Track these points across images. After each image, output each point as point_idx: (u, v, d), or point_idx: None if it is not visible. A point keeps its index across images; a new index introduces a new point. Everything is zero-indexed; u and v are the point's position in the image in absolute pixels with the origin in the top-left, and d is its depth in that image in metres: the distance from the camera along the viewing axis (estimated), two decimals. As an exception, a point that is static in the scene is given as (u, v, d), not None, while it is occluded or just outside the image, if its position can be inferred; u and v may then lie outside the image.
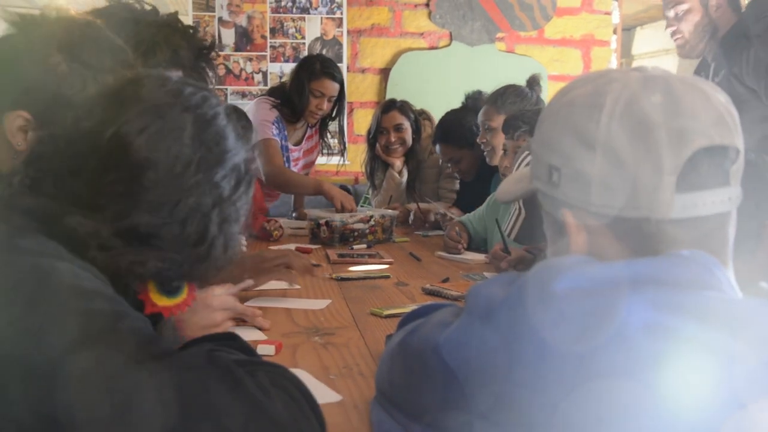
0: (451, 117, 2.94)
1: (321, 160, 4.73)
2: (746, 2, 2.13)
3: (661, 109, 0.69)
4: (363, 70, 4.71)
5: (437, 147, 2.96)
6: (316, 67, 2.97)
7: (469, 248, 2.31)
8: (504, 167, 2.05)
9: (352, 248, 2.37)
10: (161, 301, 0.79)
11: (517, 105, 2.35)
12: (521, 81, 2.49)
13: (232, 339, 0.80)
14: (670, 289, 0.63)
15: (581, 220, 0.73)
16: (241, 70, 4.60)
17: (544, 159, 0.76)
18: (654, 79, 0.72)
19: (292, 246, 2.32)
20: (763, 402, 0.56)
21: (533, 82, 2.55)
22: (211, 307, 1.17)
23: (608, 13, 4.70)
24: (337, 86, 3.01)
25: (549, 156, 0.75)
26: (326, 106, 3.01)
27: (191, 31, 1.38)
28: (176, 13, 1.40)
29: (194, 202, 0.72)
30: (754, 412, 0.56)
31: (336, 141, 3.23)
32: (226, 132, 0.75)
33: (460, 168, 2.93)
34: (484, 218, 2.35)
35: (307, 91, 2.95)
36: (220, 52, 4.35)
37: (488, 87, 2.73)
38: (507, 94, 2.43)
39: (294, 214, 3.36)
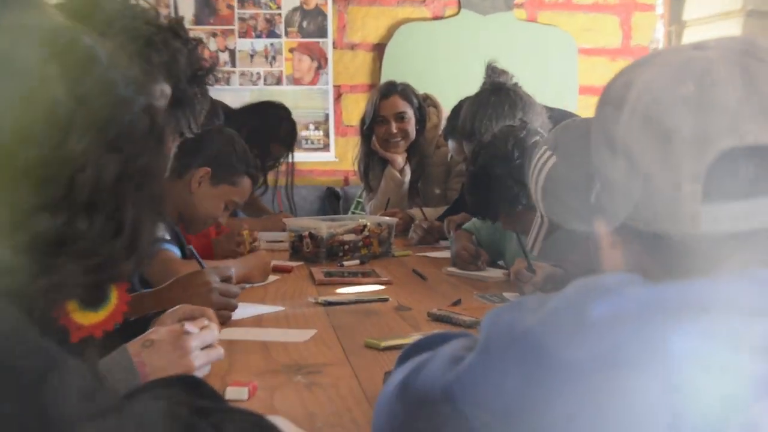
0: (466, 105, 2.93)
1: (302, 157, 4.74)
2: None
3: (687, 102, 0.70)
4: (353, 47, 4.72)
5: (449, 142, 2.95)
6: (280, 132, 3.29)
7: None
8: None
9: (342, 265, 2.37)
10: (88, 319, 0.77)
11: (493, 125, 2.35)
12: (545, 55, 2.49)
13: (193, 382, 0.79)
14: (724, 316, 0.64)
15: (613, 232, 0.75)
16: (204, 48, 4.61)
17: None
18: (692, 63, 0.72)
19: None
20: None
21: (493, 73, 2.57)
22: (185, 349, 1.16)
23: (652, -29, 4.72)
24: (285, 152, 3.33)
25: (594, 156, 0.78)
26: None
27: (195, 43, 1.41)
28: (182, 18, 1.44)
29: (91, 178, 0.68)
30: None
31: (317, 132, 3.36)
32: (111, 76, 0.72)
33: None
34: (496, 225, 2.35)
35: (262, 148, 3.16)
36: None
37: (507, 64, 2.73)
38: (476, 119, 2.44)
39: None
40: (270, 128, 3.29)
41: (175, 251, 1.99)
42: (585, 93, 4.64)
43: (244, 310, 1.66)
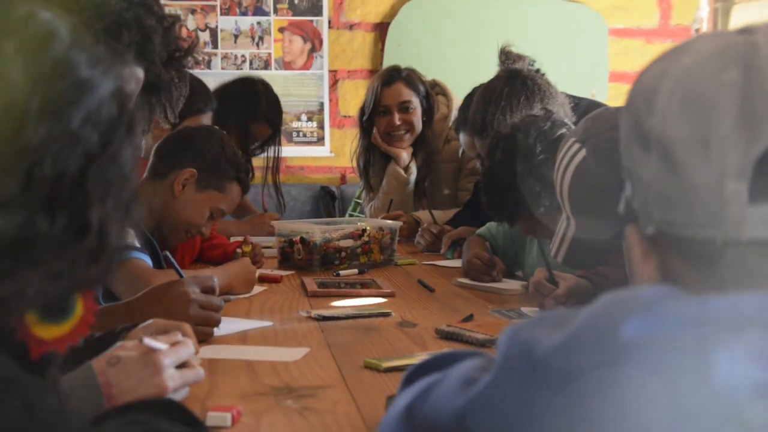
0: (476, 96, 2.93)
1: (292, 151, 4.75)
2: None
3: (731, 90, 0.70)
4: (351, 26, 4.74)
5: (460, 135, 2.95)
6: (260, 108, 3.34)
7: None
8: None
9: (338, 274, 2.37)
10: (49, 333, 0.77)
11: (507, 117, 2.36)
12: (571, 37, 2.48)
13: (168, 406, 0.80)
14: None
15: (647, 240, 0.75)
16: (181, 26, 4.63)
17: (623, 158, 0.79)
18: (735, 48, 0.73)
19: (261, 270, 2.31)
20: None
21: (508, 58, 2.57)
22: (156, 367, 1.15)
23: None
24: (269, 132, 3.42)
25: (624, 154, 0.78)
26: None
27: (171, 20, 1.41)
28: None
29: (52, 171, 0.67)
30: None
31: (311, 124, 3.42)
32: (72, 56, 0.71)
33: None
34: (513, 231, 2.35)
35: (241, 130, 3.29)
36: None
37: (526, 46, 2.74)
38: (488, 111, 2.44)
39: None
40: (248, 106, 3.32)
41: (147, 260, 1.99)
42: (616, 80, 4.65)
43: (226, 326, 1.66)
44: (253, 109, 3.34)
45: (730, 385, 0.61)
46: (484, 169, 2.15)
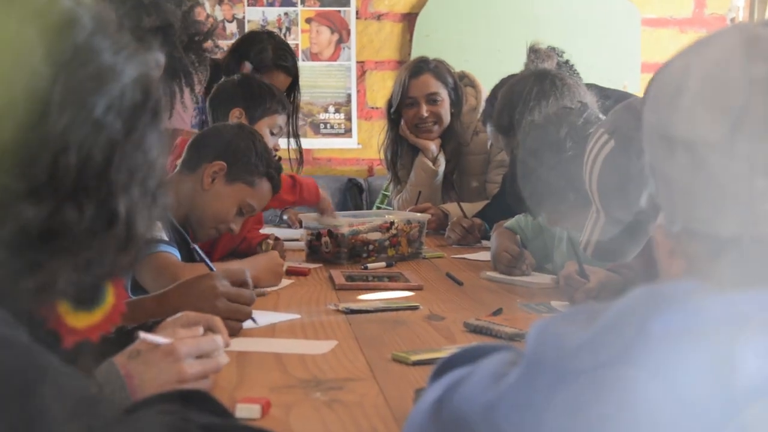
0: (501, 93, 2.92)
1: (320, 143, 4.77)
2: None
3: (759, 84, 0.70)
4: (379, 17, 4.73)
5: (488, 128, 2.95)
6: (267, 55, 3.17)
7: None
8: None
9: (366, 267, 2.38)
10: (81, 322, 0.77)
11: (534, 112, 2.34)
12: (603, 27, 2.46)
13: (199, 396, 0.81)
14: None
15: (673, 236, 0.75)
16: (208, 17, 4.65)
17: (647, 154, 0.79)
18: (762, 41, 0.72)
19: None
20: None
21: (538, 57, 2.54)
22: (175, 355, 1.18)
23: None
24: (288, 81, 3.22)
25: (647, 151, 0.78)
26: None
27: (190, 4, 1.40)
28: None
29: (77, 160, 0.67)
30: None
31: (338, 115, 3.31)
32: (95, 42, 0.71)
33: (520, 157, 2.94)
34: (542, 223, 2.34)
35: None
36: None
37: (556, 37, 2.73)
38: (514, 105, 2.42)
39: (283, 218, 3.39)
40: (256, 58, 3.19)
41: (175, 254, 2.00)
42: (648, 71, 4.60)
43: (257, 319, 1.67)
44: (262, 58, 3.19)
45: (757, 381, 0.61)
46: (513, 157, 2.14)
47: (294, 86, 3.26)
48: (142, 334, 1.17)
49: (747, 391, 0.61)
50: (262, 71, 3.15)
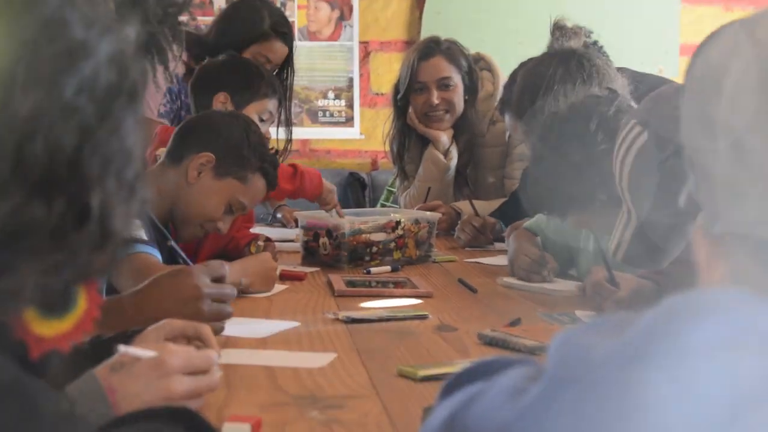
0: (521, 75, 2.92)
1: (318, 133, 4.77)
2: None
3: None
4: (385, -9, 4.73)
5: (506, 117, 2.95)
6: (264, 23, 3.15)
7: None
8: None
9: (369, 272, 2.39)
10: (50, 330, 0.77)
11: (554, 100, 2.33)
12: (637, 4, 2.46)
13: (185, 414, 0.81)
14: None
15: (713, 239, 0.75)
16: (194, -9, 4.67)
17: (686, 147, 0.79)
18: None
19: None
20: None
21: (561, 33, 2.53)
22: (163, 369, 1.18)
23: None
24: (286, 51, 3.22)
25: (686, 144, 0.78)
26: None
27: None
28: None
29: (44, 148, 0.66)
30: None
31: (338, 102, 3.30)
32: (63, 15, 0.70)
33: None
34: (565, 224, 2.34)
35: (246, 52, 3.11)
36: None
37: (583, 16, 2.73)
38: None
39: (277, 216, 3.39)
40: (251, 24, 3.17)
41: (155, 255, 2.00)
42: (688, 53, 4.59)
43: (245, 328, 1.68)
44: (258, 25, 3.16)
45: None
46: (533, 152, 2.14)
47: (288, 63, 3.26)
48: (122, 347, 1.17)
49: None
50: (259, 40, 3.14)
